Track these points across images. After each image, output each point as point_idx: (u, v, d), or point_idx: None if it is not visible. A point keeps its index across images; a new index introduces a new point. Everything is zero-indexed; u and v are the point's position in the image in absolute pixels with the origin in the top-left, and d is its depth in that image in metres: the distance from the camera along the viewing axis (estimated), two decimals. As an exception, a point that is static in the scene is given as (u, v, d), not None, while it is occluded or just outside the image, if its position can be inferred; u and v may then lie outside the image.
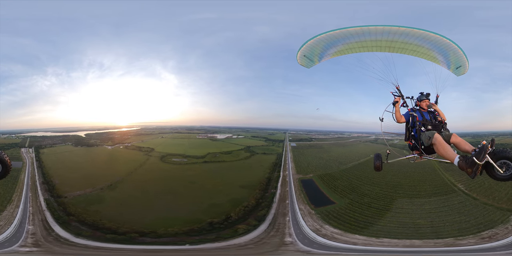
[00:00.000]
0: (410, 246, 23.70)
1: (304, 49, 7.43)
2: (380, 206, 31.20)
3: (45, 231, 28.22)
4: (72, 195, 38.50)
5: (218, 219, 29.99)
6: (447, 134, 6.08)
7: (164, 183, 41.98)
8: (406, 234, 25.47)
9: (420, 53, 7.29)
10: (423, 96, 6.92)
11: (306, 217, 29.14)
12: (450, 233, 25.24)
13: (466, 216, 27.87)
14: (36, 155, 49.80)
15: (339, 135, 72.24)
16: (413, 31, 6.60)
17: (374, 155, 7.64)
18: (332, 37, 7.04)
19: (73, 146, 58.59)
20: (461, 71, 7.33)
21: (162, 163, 51.85)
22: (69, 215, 32.45)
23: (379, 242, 24.72)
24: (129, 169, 47.51)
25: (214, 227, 28.58)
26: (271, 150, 58.60)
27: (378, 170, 7.46)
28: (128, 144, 60.94)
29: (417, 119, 6.61)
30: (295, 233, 25.71)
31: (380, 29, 6.70)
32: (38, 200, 36.20)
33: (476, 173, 5.01)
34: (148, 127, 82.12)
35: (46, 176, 44.00)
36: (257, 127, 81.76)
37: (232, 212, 31.63)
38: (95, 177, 43.18)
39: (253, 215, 31.62)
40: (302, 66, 7.81)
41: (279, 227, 27.56)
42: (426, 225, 26.80)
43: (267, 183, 42.02)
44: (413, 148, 6.76)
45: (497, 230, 25.05)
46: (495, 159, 5.18)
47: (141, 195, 38.00)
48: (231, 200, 35.25)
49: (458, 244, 23.61)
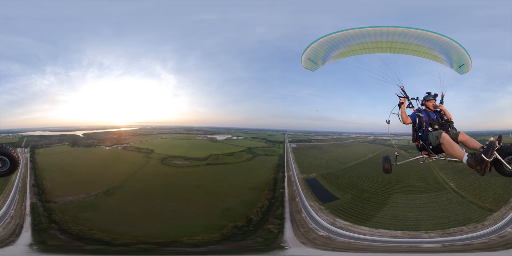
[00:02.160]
0: (393, 236, 26.08)
1: (308, 52, 7.46)
2: (378, 200, 33.18)
3: (8, 236, 26.53)
4: (63, 201, 36.03)
5: (241, 222, 29.64)
6: (454, 133, 6.12)
7: (167, 188, 40.33)
8: (395, 226, 27.71)
9: (422, 53, 7.32)
10: (430, 96, 6.93)
11: (318, 212, 30.86)
12: (427, 227, 26.96)
13: (449, 212, 29.29)
14: (31, 155, 47.22)
15: (337, 136, 73.33)
16: (411, 31, 6.64)
17: (383, 158, 7.61)
18: (334, 39, 7.09)
19: (70, 146, 56.06)
20: (464, 69, 7.37)
21: (163, 166, 50.28)
22: (53, 222, 30.32)
23: (378, 232, 27.08)
24: (127, 172, 45.46)
25: (243, 231, 28.33)
26: (273, 151, 58.89)
27: (387, 173, 7.40)
28: (126, 144, 59.17)
29: (423, 119, 6.61)
30: (320, 228, 27.53)
31: (379, 30, 6.73)
32: (24, 204, 34.43)
33: (485, 170, 5.06)
34: (146, 127, 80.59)
35: (38, 178, 41.96)
36: (256, 128, 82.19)
37: (250, 214, 31.79)
38: (90, 181, 40.92)
39: (271, 215, 32.41)
40: (307, 69, 7.82)
41: (300, 223, 29.01)
42: (413, 218, 28.54)
43: (274, 184, 43.03)
44: (421, 148, 6.77)
45: (466, 227, 26.55)
46: (503, 155, 5.24)
47: (143, 202, 35.92)
48: (243, 203, 35.34)
49: (419, 236, 25.69)
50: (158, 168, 48.72)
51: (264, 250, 24.74)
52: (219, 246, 25.58)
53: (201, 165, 50.34)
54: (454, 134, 6.01)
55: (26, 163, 44.62)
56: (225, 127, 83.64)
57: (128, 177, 43.38)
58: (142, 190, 39.36)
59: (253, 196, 37.28)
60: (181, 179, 43.38)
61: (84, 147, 57.34)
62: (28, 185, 39.01)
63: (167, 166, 49.64)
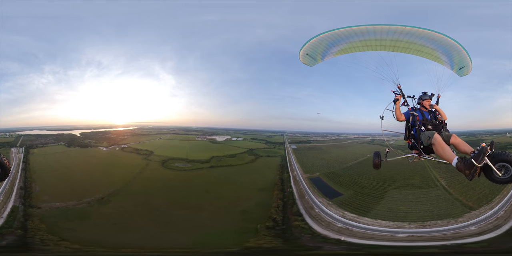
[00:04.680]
0: (386, 226, 29.32)
1: (307, 48, 7.34)
2: (376, 195, 36.14)
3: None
4: (49, 207, 32.85)
5: (269, 223, 29.93)
6: (446, 135, 6.03)
7: (171, 194, 37.29)
8: (389, 217, 31.06)
9: (424, 53, 7.27)
10: (427, 95, 6.87)
11: (328, 207, 33.85)
12: (411, 219, 30.20)
13: (434, 207, 32.30)
14: (25, 155, 43.75)
15: (336, 137, 73.73)
16: (418, 31, 6.52)
17: (374, 153, 7.60)
18: (336, 35, 7.00)
19: (66, 147, 52.79)
20: (464, 71, 7.34)
21: (164, 170, 47.53)
22: (26, 229, 28.01)
23: (376, 222, 30.43)
24: (126, 177, 42.10)
25: (278, 230, 28.94)
26: (274, 153, 58.95)
27: (377, 168, 7.43)
28: (124, 145, 56.78)
29: (417, 118, 6.57)
30: (336, 220, 30.83)
31: (386, 28, 6.62)
32: (5, 207, 32.70)
33: (474, 175, 4.97)
34: (144, 127, 78.20)
35: (28, 180, 39.46)
36: (254, 129, 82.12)
37: (272, 214, 32.16)
38: (83, 187, 37.91)
39: (289, 213, 33.32)
40: (305, 64, 7.71)
41: (318, 218, 31.55)
42: (404, 211, 31.98)
43: (282, 184, 44.10)
44: (412, 147, 6.72)
45: (441, 221, 29.18)
46: (494, 161, 5.12)
47: (145, 210, 32.81)
48: (258, 204, 35.57)
49: (400, 226, 29.24)
50: (159, 171, 46.13)
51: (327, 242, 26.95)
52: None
53: (205, 167, 48.57)
54: (446, 136, 5.97)
55: (18, 163, 42.02)
56: (223, 128, 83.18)
57: (127, 183, 40.34)
58: (143, 197, 36.33)
59: (264, 197, 37.97)
60: (186, 184, 41.05)
61: (80, 147, 54.67)
62: (16, 187, 36.69)
63: (169, 170, 47.22)
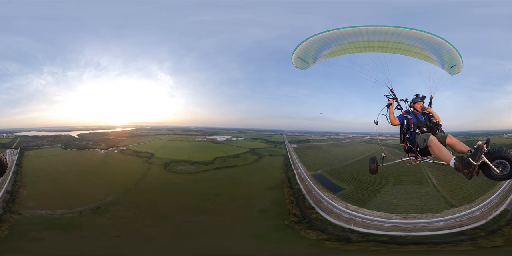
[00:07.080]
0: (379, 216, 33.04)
1: (299, 51, 7.35)
2: (373, 189, 39.27)
3: None
4: (31, 214, 30.56)
5: (293, 218, 31.46)
6: (442, 136, 6.01)
7: (182, 200, 35.01)
8: (382, 208, 34.35)
9: (414, 53, 7.22)
10: (418, 98, 6.86)
11: (333, 201, 37.16)
12: (399, 211, 33.35)
13: (421, 202, 35.13)
14: (19, 157, 40.36)
15: (335, 136, 74.94)
16: (404, 30, 6.49)
17: (369, 159, 7.56)
18: (325, 38, 6.96)
19: (62, 149, 49.48)
20: (456, 70, 7.30)
21: (167, 174, 45.33)
22: None
23: (372, 213, 33.96)
24: (126, 183, 39.29)
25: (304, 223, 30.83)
26: (276, 152, 59.61)
27: (374, 173, 7.35)
28: (123, 147, 54.28)
29: (411, 121, 6.53)
30: (341, 212, 34.32)
31: (371, 30, 6.60)
32: None
33: (472, 174, 4.98)
34: (143, 128, 75.93)
35: (17, 184, 38.01)
36: (253, 128, 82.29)
37: (290, 210, 33.90)
38: (77, 194, 35.08)
39: (303, 207, 34.77)
40: (297, 68, 7.69)
41: (327, 210, 35.02)
42: (395, 204, 35.12)
43: (289, 181, 45.31)
44: (408, 150, 6.71)
45: (421, 215, 32.15)
46: (491, 159, 5.16)
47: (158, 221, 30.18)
48: (272, 202, 36.75)
49: (389, 217, 32.66)
50: (163, 176, 43.91)
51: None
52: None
53: (210, 169, 47.57)
54: (442, 137, 5.96)
55: (11, 166, 39.88)
56: (222, 128, 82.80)
57: (128, 190, 37.49)
58: (149, 205, 33.42)
59: (276, 195, 39.58)
60: (194, 188, 39.46)
61: (77, 149, 51.84)
62: (3, 191, 35.28)
63: (173, 173, 45.33)
